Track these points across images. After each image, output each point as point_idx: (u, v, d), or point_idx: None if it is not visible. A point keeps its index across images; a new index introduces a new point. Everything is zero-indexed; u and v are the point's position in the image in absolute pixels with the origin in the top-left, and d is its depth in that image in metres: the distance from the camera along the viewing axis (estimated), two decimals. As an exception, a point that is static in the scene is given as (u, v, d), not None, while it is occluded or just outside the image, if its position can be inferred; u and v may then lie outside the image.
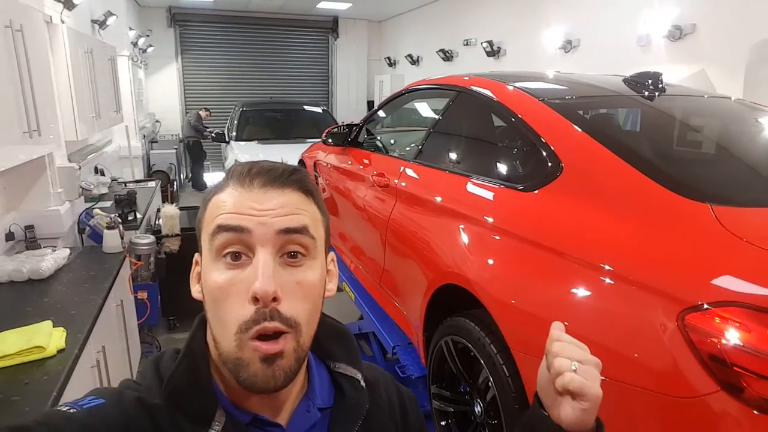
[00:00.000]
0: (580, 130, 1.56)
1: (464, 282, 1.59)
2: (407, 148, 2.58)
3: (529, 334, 1.33)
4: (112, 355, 2.20)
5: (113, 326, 2.42)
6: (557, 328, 0.65)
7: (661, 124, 1.85)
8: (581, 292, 1.25)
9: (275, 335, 0.55)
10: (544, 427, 0.63)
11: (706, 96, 2.24)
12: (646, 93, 1.95)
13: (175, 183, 7.74)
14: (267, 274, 0.54)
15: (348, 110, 10.95)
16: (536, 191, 1.54)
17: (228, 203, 0.58)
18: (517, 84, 1.97)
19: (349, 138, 3.10)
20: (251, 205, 0.57)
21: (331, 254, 0.67)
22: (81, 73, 3.16)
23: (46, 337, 1.71)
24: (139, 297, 3.05)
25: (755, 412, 0.92)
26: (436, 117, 2.34)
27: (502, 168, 1.83)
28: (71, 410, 0.55)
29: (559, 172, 1.50)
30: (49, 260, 2.36)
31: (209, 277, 0.57)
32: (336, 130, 3.28)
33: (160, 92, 9.77)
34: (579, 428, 0.61)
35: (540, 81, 2.29)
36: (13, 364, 1.61)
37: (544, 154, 1.58)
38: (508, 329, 1.38)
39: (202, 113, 8.67)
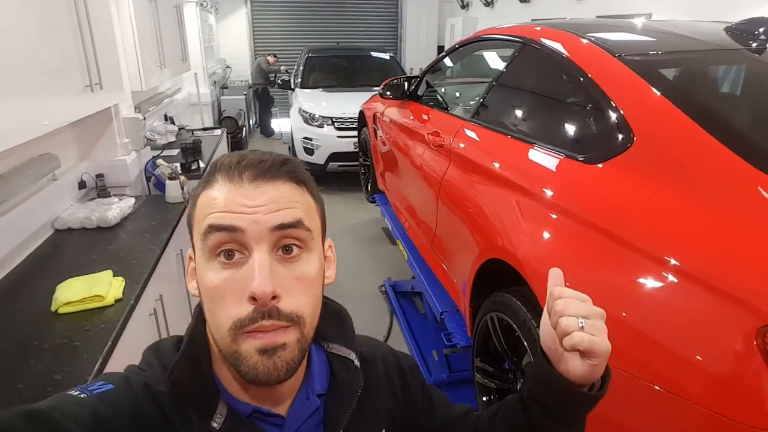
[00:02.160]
0: (659, 93, 1.34)
1: (512, 259, 1.47)
2: (466, 106, 2.41)
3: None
4: (171, 303, 2.31)
5: (173, 275, 2.54)
6: (555, 279, 0.64)
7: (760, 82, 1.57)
8: (639, 286, 1.10)
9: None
10: (553, 383, 0.63)
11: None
12: (755, 45, 1.65)
13: (244, 129, 7.92)
14: (264, 274, 0.53)
15: (417, 56, 10.54)
16: (600, 164, 1.37)
17: (218, 200, 0.56)
18: (593, 35, 1.73)
19: (407, 91, 2.96)
20: (242, 201, 0.55)
21: (329, 240, 0.66)
22: (145, 23, 3.19)
23: (106, 287, 1.81)
24: (201, 245, 3.17)
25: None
26: (497, 73, 2.14)
27: (564, 135, 1.64)
28: (81, 395, 0.55)
29: (630, 144, 1.31)
30: (116, 209, 2.49)
31: (204, 276, 0.56)
32: (395, 82, 3.14)
33: (230, 38, 9.85)
34: (588, 381, 0.62)
35: (625, 31, 2.01)
36: (76, 310, 1.72)
37: (613, 121, 1.39)
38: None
39: (270, 59, 8.69)
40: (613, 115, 1.40)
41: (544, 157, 1.60)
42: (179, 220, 2.64)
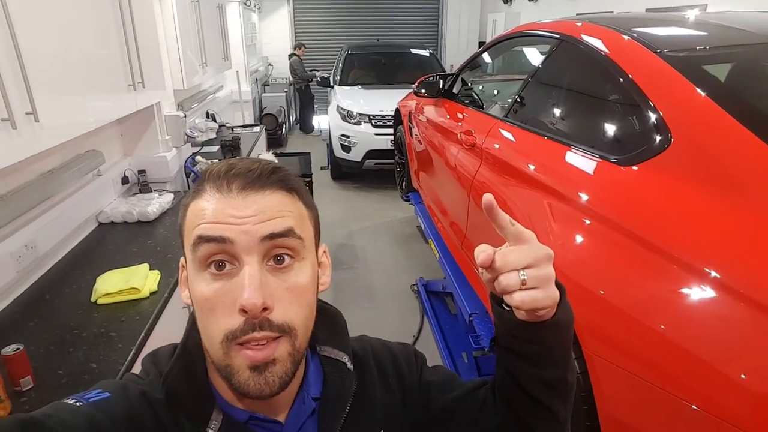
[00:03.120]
0: (700, 91, 1.26)
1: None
2: (500, 104, 2.35)
3: (603, 336, 1.17)
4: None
5: (208, 269, 2.61)
6: (488, 208, 0.56)
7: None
8: (675, 297, 1.04)
9: (265, 342, 0.54)
10: (508, 325, 0.61)
11: None
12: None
13: (284, 126, 8.05)
14: (254, 285, 0.52)
15: (457, 53, 10.41)
16: (635, 166, 1.31)
17: (207, 211, 0.55)
18: (637, 31, 1.64)
19: (442, 89, 2.92)
20: (231, 212, 0.54)
21: (323, 246, 0.65)
22: (188, 23, 3.28)
23: (142, 280, 1.87)
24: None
25: None
26: (532, 70, 2.08)
27: (599, 135, 1.58)
28: (77, 403, 0.55)
29: (667, 145, 1.24)
30: (155, 204, 2.58)
31: (195, 287, 0.56)
32: (431, 79, 3.11)
33: (272, 36, 10.03)
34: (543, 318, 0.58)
35: (673, 25, 1.91)
36: (114, 302, 1.79)
37: (650, 120, 1.32)
38: (580, 325, 1.22)
39: (298, 52, 8.71)
40: (650, 115, 1.33)
41: (577, 159, 1.54)
42: (215, 215, 2.71)
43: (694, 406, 0.96)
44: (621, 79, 1.50)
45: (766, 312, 0.89)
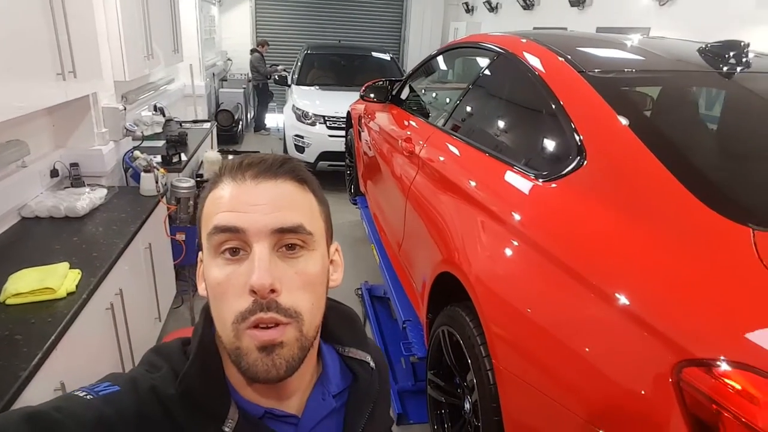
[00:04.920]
0: (617, 115, 1.31)
1: (459, 273, 1.45)
2: (439, 113, 2.38)
3: (511, 350, 1.19)
4: (133, 298, 2.29)
5: (140, 268, 2.52)
6: None
7: (731, 110, 1.54)
8: (569, 308, 1.08)
9: (273, 326, 0.56)
10: None
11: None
12: (725, 69, 1.62)
13: (240, 123, 7.88)
14: (263, 267, 0.54)
15: (419, 58, 10.47)
16: (553, 183, 1.34)
17: (223, 199, 0.58)
18: (575, 50, 1.70)
19: (390, 94, 2.93)
20: (244, 200, 0.57)
21: (335, 244, 0.67)
22: (132, 11, 3.16)
23: (59, 279, 1.78)
24: (176, 239, 3.15)
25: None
26: (469, 82, 2.11)
27: (526, 150, 1.62)
28: (88, 396, 0.55)
29: (582, 163, 1.28)
30: (85, 199, 2.46)
31: (209, 273, 0.58)
32: (379, 84, 3.11)
33: (233, 30, 9.81)
34: None
35: (608, 47, 1.98)
36: (25, 302, 1.70)
37: (570, 139, 1.36)
38: (494, 340, 1.24)
39: (260, 49, 8.58)
40: (570, 133, 1.37)
41: (504, 173, 1.57)
42: (151, 212, 2.62)
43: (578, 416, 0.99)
44: (548, 98, 1.54)
45: (645, 328, 0.93)
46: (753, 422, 0.73)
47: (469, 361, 1.42)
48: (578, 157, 1.32)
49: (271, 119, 9.06)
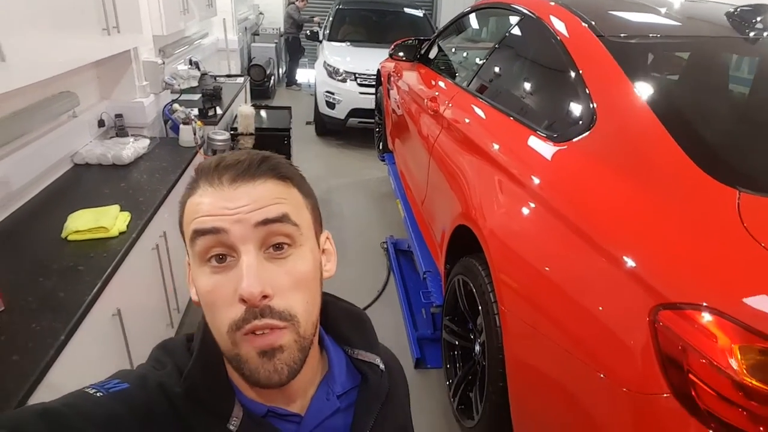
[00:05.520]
0: (630, 80, 1.36)
1: (474, 227, 1.56)
2: (465, 73, 2.43)
3: (514, 294, 1.31)
4: (175, 240, 2.49)
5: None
6: None
7: (755, 78, 1.56)
8: (571, 260, 1.18)
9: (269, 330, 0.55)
10: None
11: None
12: (751, 34, 1.62)
13: (272, 78, 7.95)
14: (252, 274, 0.53)
15: (453, 15, 10.24)
16: (565, 144, 1.42)
17: (201, 206, 0.56)
18: (603, 15, 1.72)
19: (419, 53, 2.97)
20: (223, 205, 0.55)
21: (326, 233, 0.66)
22: (170, -33, 3.24)
23: (112, 220, 1.97)
24: (212, 189, 3.31)
25: (701, 424, 0.86)
26: (494, 43, 2.15)
27: (544, 111, 1.68)
28: (97, 393, 0.55)
29: (591, 126, 1.36)
30: (130, 148, 2.64)
31: (198, 282, 0.57)
32: (409, 42, 3.15)
33: (265, -17, 9.74)
34: None
35: (638, 11, 1.98)
36: (84, 239, 1.90)
37: (584, 101, 1.43)
38: (500, 287, 1.36)
39: (299, 3, 8.54)
40: (584, 96, 1.44)
41: (522, 132, 1.65)
42: (189, 163, 2.79)
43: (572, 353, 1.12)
44: (568, 64, 1.59)
45: (630, 275, 1.03)
46: (712, 357, 0.84)
47: (480, 306, 1.56)
48: (588, 120, 1.39)
49: (303, 75, 9.08)
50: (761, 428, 0.80)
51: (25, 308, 1.51)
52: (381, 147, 4.31)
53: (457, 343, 1.89)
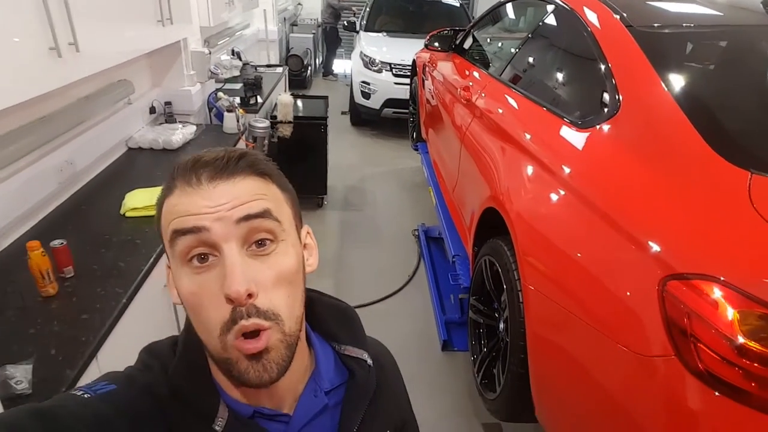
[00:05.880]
0: (655, 70, 1.41)
1: (501, 209, 1.64)
2: (497, 63, 2.49)
3: (536, 270, 1.39)
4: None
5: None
6: None
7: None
8: (588, 236, 1.26)
9: (257, 332, 0.54)
10: None
11: None
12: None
13: (309, 68, 8.11)
14: (236, 273, 0.52)
15: (489, 5, 10.14)
16: (589, 130, 1.49)
17: (179, 206, 0.54)
18: (638, 6, 1.76)
19: (453, 44, 3.04)
20: (203, 203, 0.53)
21: (306, 227, 0.65)
22: (216, -39, 3.40)
23: (164, 199, 2.14)
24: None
25: (702, 383, 0.93)
26: (525, 34, 2.21)
27: (570, 100, 1.74)
28: (85, 395, 0.55)
29: (615, 113, 1.42)
30: (179, 134, 2.82)
31: (180, 284, 0.55)
32: (444, 33, 3.21)
33: (304, -26, 9.89)
34: None
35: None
36: (140, 215, 2.07)
37: (609, 89, 1.48)
38: (523, 263, 1.45)
39: None
40: (610, 84, 1.49)
41: (551, 120, 1.71)
42: (233, 149, 2.95)
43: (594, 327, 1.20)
44: (596, 52, 1.64)
45: (641, 247, 1.10)
46: (715, 324, 0.91)
47: (504, 285, 1.64)
48: (613, 107, 1.45)
49: (339, 65, 9.22)
50: (753, 384, 0.87)
51: (91, 275, 1.69)
52: (414, 137, 4.39)
53: (482, 321, 1.98)
